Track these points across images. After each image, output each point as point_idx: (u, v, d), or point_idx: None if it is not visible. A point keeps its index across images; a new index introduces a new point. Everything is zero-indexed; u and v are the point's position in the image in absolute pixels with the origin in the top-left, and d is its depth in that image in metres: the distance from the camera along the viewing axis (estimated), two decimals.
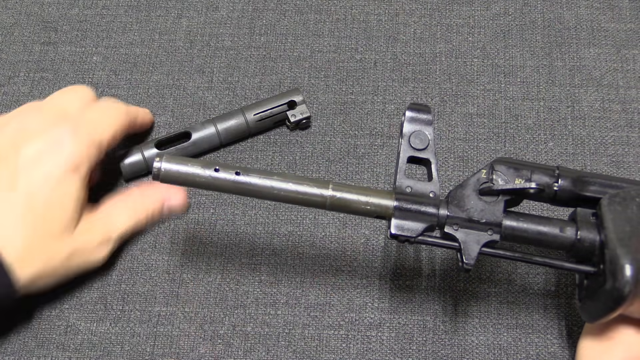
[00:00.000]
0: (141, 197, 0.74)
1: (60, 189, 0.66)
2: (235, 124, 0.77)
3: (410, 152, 0.61)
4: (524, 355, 0.69)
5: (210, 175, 0.59)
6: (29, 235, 0.65)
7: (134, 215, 0.72)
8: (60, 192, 0.66)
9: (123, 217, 0.72)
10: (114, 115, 0.72)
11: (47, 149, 0.67)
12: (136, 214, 0.72)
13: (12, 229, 0.65)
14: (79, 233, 0.68)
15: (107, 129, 0.71)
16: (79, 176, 0.67)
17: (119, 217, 0.72)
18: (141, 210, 0.73)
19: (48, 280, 0.67)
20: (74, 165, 0.67)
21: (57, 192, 0.66)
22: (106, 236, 0.70)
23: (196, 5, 0.86)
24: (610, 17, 0.83)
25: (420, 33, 0.83)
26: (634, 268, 0.54)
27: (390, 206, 0.59)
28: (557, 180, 0.60)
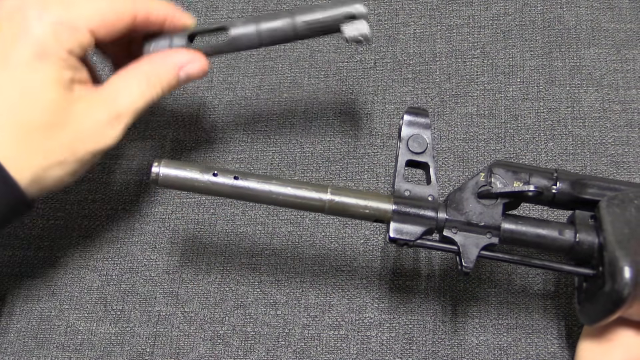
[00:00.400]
0: (152, 65, 0.66)
1: (29, 79, 0.61)
2: (281, 26, 0.68)
3: (408, 155, 0.61)
4: (524, 356, 0.69)
5: (209, 180, 0.59)
6: (11, 135, 0.60)
7: (146, 85, 0.65)
8: (29, 83, 0.61)
9: (133, 89, 0.65)
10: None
11: (8, 38, 0.61)
12: (148, 84, 0.65)
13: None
14: (77, 117, 0.62)
15: (88, 11, 0.63)
16: (50, 61, 0.61)
17: (128, 90, 0.65)
18: (154, 79, 0.66)
19: (59, 172, 0.62)
20: (38, 51, 0.61)
21: (26, 83, 0.61)
22: (114, 113, 0.64)
23: (196, 5, 0.86)
24: (610, 17, 0.83)
25: (420, 33, 0.83)
26: (633, 270, 0.54)
27: (388, 210, 0.59)
28: (556, 183, 0.60)
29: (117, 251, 0.74)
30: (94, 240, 0.75)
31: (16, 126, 0.60)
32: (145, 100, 0.65)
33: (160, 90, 0.66)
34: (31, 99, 0.61)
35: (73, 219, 0.76)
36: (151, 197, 0.77)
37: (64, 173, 0.62)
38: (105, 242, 0.75)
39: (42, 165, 0.61)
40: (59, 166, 0.62)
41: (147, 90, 0.65)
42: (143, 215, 0.76)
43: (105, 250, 0.75)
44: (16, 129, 0.60)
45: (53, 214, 0.76)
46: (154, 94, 0.66)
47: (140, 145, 0.79)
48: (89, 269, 0.74)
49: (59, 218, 0.76)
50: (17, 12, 0.62)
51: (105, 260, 0.74)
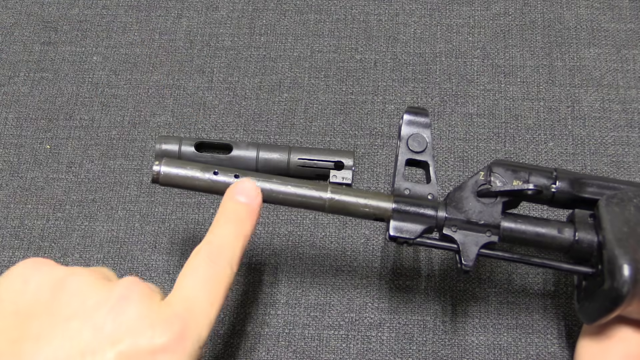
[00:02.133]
0: (209, 262, 0.56)
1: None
2: (277, 158, 0.74)
3: (408, 154, 0.61)
4: (524, 356, 0.69)
5: (210, 179, 0.59)
6: None
7: (211, 294, 0.55)
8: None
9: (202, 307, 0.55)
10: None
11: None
12: (213, 291, 0.56)
13: None
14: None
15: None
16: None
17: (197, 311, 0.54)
18: (216, 282, 0.56)
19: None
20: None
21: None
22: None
23: (196, 5, 0.86)
24: (610, 17, 0.83)
25: (420, 33, 0.83)
26: (632, 268, 0.54)
27: (388, 208, 0.59)
28: (555, 182, 0.60)
29: (117, 251, 0.74)
30: (94, 240, 0.75)
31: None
32: (217, 310, 0.55)
33: (227, 287, 0.56)
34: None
35: (73, 219, 0.76)
36: (151, 197, 0.77)
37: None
38: (105, 242, 0.75)
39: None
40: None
41: (214, 298, 0.55)
42: (143, 215, 0.76)
43: (105, 250, 0.74)
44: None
45: (53, 214, 0.76)
46: (222, 294, 0.56)
47: (140, 145, 0.79)
48: None
49: (59, 218, 0.76)
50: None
51: (105, 260, 0.74)
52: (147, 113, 0.81)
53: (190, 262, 0.56)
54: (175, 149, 0.73)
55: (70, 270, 0.54)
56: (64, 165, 0.79)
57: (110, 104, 0.81)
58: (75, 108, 0.81)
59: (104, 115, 0.81)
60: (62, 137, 0.80)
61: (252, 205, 0.59)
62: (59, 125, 0.81)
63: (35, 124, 0.81)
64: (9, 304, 0.52)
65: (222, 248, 0.57)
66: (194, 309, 0.53)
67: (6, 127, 0.81)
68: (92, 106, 0.81)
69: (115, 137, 0.80)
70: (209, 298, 0.54)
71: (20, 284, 0.53)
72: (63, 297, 0.52)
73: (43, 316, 0.51)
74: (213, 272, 0.55)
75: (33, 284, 0.53)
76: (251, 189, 0.60)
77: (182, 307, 0.53)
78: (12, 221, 0.76)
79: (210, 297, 0.54)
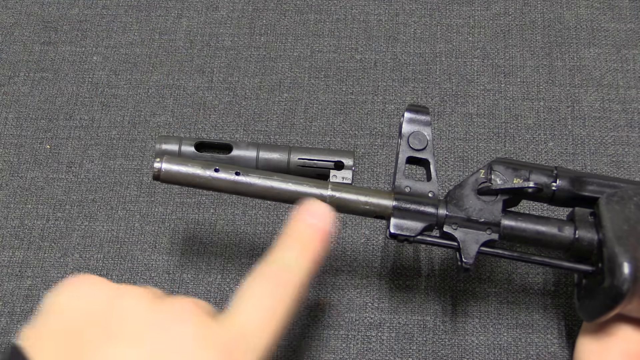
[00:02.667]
0: (271, 285, 0.54)
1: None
2: (277, 158, 0.74)
3: (409, 152, 0.61)
4: (524, 355, 0.69)
5: (211, 176, 0.59)
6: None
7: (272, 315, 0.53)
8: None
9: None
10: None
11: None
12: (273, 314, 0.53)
13: None
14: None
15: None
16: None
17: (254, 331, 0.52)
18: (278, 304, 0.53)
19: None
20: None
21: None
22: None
23: (196, 5, 0.86)
24: (610, 17, 0.83)
25: (420, 33, 0.83)
26: (632, 266, 0.54)
27: (389, 206, 0.60)
28: (556, 180, 0.60)
29: (117, 251, 0.74)
30: (94, 240, 0.75)
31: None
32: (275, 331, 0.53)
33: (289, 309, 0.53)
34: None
35: (73, 219, 0.76)
36: (151, 197, 0.77)
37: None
38: (105, 242, 0.75)
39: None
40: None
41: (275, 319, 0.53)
42: (143, 215, 0.76)
43: (105, 250, 0.74)
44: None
45: (53, 214, 0.76)
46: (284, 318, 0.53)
47: (140, 145, 0.79)
48: (89, 269, 0.74)
49: (59, 218, 0.76)
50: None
51: (105, 260, 0.74)
52: (147, 113, 0.81)
53: (249, 284, 0.54)
54: (175, 149, 0.73)
55: (123, 288, 0.52)
56: (64, 165, 0.79)
57: (110, 104, 0.81)
58: (75, 108, 0.81)
59: (104, 115, 0.81)
60: (62, 137, 0.80)
61: (325, 229, 0.57)
62: (59, 125, 0.81)
63: (35, 124, 0.81)
64: (60, 319, 0.51)
65: (286, 270, 0.54)
66: (248, 335, 0.51)
67: (6, 127, 0.81)
68: (92, 106, 0.81)
69: (115, 137, 0.80)
70: (266, 325, 0.52)
71: (72, 300, 0.52)
72: (116, 314, 0.51)
73: (95, 332, 0.50)
74: (273, 296, 0.53)
75: (85, 300, 0.52)
76: (324, 211, 0.57)
77: (236, 331, 0.51)
78: (12, 221, 0.76)
79: (267, 324, 0.52)
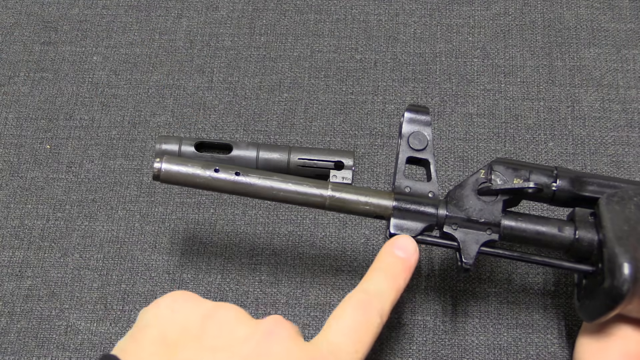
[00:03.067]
0: (360, 309, 0.56)
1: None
2: (277, 158, 0.75)
3: (409, 152, 0.61)
4: (524, 355, 0.69)
5: (210, 176, 0.59)
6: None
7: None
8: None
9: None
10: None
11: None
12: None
13: None
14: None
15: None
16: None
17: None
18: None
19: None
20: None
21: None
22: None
23: (196, 5, 0.86)
24: (610, 17, 0.83)
25: (420, 33, 0.83)
26: (632, 266, 0.54)
27: (389, 206, 0.60)
28: (556, 180, 0.60)
29: (117, 251, 0.74)
30: (94, 240, 0.75)
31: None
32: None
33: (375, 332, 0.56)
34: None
35: (73, 219, 0.76)
36: (151, 197, 0.77)
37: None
38: (105, 242, 0.75)
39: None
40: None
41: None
42: (143, 215, 0.76)
43: (105, 250, 0.74)
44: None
45: (53, 214, 0.76)
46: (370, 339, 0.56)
47: (140, 145, 0.79)
48: (89, 269, 0.74)
49: (59, 218, 0.76)
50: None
51: (105, 260, 0.74)
52: (147, 113, 0.81)
53: (341, 307, 0.56)
54: (175, 149, 0.73)
55: (218, 304, 0.55)
56: (64, 165, 0.79)
57: (110, 104, 0.81)
58: (75, 108, 0.81)
59: (104, 115, 0.81)
60: (62, 137, 0.80)
61: (410, 261, 0.59)
62: (59, 125, 0.81)
63: (35, 124, 0.81)
64: (155, 331, 0.54)
65: (375, 297, 0.57)
66: (338, 353, 0.54)
67: (6, 127, 0.81)
68: (92, 106, 0.81)
69: (115, 137, 0.80)
70: (355, 345, 0.54)
71: (168, 313, 0.54)
72: (211, 328, 0.53)
73: (190, 345, 0.52)
74: (362, 320, 0.55)
75: (181, 314, 0.54)
76: (410, 245, 0.60)
77: (327, 349, 0.53)
78: (12, 221, 0.76)
79: (356, 343, 0.54)
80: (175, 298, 0.56)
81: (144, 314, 0.55)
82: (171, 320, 0.54)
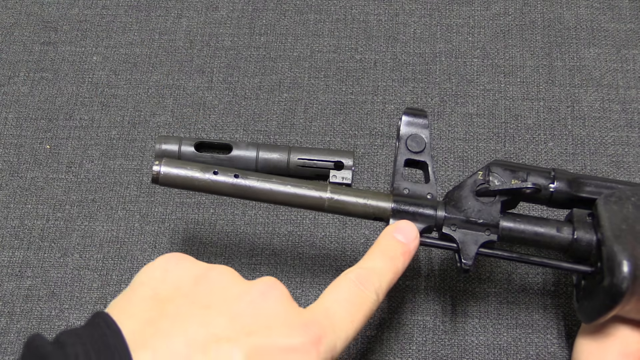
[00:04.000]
0: (356, 283, 0.57)
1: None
2: (277, 158, 0.75)
3: (407, 155, 0.62)
4: (523, 355, 0.69)
5: (210, 179, 0.59)
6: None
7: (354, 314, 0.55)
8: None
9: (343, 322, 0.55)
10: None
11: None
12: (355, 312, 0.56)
13: None
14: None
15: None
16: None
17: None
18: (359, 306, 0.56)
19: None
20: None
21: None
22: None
23: (196, 5, 0.86)
24: (610, 17, 0.83)
25: (420, 33, 0.83)
26: (631, 264, 0.55)
27: (388, 208, 0.60)
28: (553, 182, 0.60)
29: (117, 251, 0.74)
30: (94, 240, 0.75)
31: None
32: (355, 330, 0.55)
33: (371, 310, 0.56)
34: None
35: (73, 219, 0.76)
36: (151, 197, 0.77)
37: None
38: (105, 242, 0.75)
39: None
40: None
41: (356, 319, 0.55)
42: (143, 215, 0.76)
43: (105, 250, 0.75)
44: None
45: (53, 214, 0.76)
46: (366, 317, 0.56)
47: (140, 145, 0.79)
48: (89, 269, 0.74)
49: (59, 218, 0.76)
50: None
51: (105, 260, 0.74)
52: (147, 113, 0.81)
53: (337, 281, 0.57)
54: (175, 149, 0.73)
55: (212, 266, 0.55)
56: (64, 165, 0.79)
57: (110, 104, 0.82)
58: (75, 108, 0.82)
59: (104, 115, 0.81)
60: (62, 137, 0.80)
61: (409, 246, 0.59)
62: (59, 125, 0.81)
63: (35, 124, 0.81)
64: (148, 289, 0.53)
65: (371, 274, 0.57)
66: (333, 319, 0.53)
67: (6, 127, 0.81)
68: (92, 106, 0.82)
69: (115, 137, 0.80)
70: (350, 315, 0.54)
71: (161, 273, 0.54)
72: (204, 286, 0.53)
73: (181, 301, 0.52)
74: (358, 293, 0.56)
75: (174, 274, 0.54)
76: (411, 231, 0.60)
77: (322, 315, 0.53)
78: (12, 221, 0.76)
79: (351, 314, 0.55)
80: (168, 259, 0.55)
81: (139, 274, 0.55)
82: (164, 279, 0.54)
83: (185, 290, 0.53)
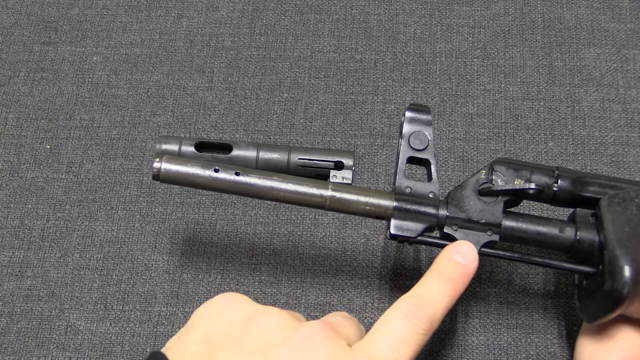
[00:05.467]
0: (406, 316, 0.55)
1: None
2: (277, 158, 0.75)
3: (409, 152, 0.61)
4: (524, 356, 0.69)
5: (210, 176, 0.59)
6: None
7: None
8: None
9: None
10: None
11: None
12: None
13: None
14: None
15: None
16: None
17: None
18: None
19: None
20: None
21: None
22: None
23: (196, 5, 0.86)
24: (610, 17, 0.83)
25: (420, 33, 0.83)
26: (632, 269, 0.54)
27: (389, 206, 0.59)
28: (557, 181, 0.60)
29: (117, 251, 0.74)
30: (94, 240, 0.75)
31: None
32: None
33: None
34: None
35: (73, 219, 0.76)
36: (151, 197, 0.77)
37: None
38: (105, 242, 0.75)
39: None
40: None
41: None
42: (143, 215, 0.76)
43: (105, 250, 0.74)
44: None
45: (53, 214, 0.76)
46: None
47: (140, 145, 0.79)
48: (89, 269, 0.74)
49: (59, 218, 0.76)
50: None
51: (105, 260, 0.74)
52: (147, 113, 0.81)
53: (387, 313, 0.56)
54: (175, 149, 0.73)
55: (263, 308, 0.56)
56: (64, 165, 0.79)
57: (110, 104, 0.81)
58: (75, 108, 0.81)
59: (104, 115, 0.81)
60: (62, 137, 0.80)
61: (468, 268, 0.58)
62: (59, 125, 0.81)
63: (35, 124, 0.81)
64: (201, 331, 0.55)
65: (425, 302, 0.55)
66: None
67: (6, 127, 0.81)
68: (92, 106, 0.81)
69: (115, 137, 0.80)
70: (395, 352, 0.54)
71: (215, 315, 0.56)
72: (252, 331, 0.54)
73: (231, 347, 0.54)
74: (407, 327, 0.54)
75: (227, 316, 0.55)
76: (470, 252, 0.59)
77: (363, 356, 0.53)
78: (12, 221, 0.76)
79: (396, 352, 0.54)
80: (223, 299, 0.57)
81: (195, 314, 0.57)
82: (216, 321, 0.55)
83: (234, 334, 0.54)
